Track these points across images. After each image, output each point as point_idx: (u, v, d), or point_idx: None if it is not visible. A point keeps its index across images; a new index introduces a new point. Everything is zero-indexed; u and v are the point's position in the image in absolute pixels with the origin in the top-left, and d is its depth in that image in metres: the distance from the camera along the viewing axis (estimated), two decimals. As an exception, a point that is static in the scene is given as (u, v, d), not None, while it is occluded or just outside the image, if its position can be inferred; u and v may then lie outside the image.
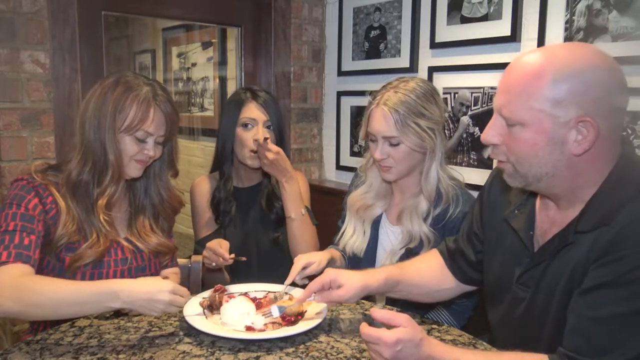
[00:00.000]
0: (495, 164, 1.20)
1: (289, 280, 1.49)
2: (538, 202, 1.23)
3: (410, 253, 1.60)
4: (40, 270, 1.37)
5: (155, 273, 1.58)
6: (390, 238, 1.70)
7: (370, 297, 1.72)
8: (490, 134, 1.13)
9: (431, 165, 1.61)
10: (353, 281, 1.32)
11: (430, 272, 1.45)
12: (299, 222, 1.86)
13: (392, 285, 1.38)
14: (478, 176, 2.22)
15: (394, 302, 1.63)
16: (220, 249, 1.67)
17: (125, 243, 1.50)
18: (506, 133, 1.10)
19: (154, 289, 1.21)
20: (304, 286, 1.43)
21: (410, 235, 1.62)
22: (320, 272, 1.42)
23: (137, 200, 1.58)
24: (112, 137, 1.42)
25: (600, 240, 1.03)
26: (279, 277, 1.72)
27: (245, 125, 1.89)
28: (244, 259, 1.73)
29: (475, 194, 1.50)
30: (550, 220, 1.18)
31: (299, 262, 1.51)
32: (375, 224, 1.73)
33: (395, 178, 1.65)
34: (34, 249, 1.32)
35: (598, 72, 1.03)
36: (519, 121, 1.07)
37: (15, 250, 1.28)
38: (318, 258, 1.55)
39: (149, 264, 1.55)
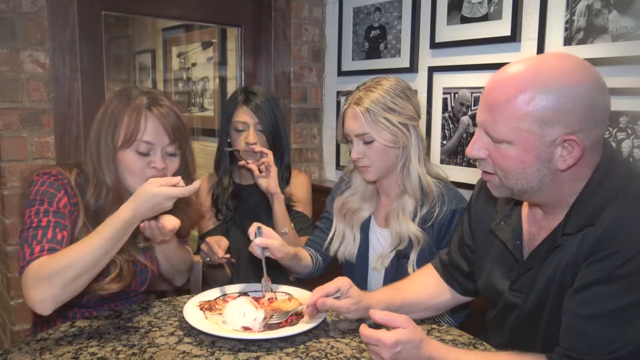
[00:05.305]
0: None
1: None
2: (524, 210, 1.24)
3: (400, 255, 1.60)
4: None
5: (155, 273, 1.58)
6: (380, 241, 1.69)
7: None
8: (476, 148, 1.12)
9: (409, 162, 1.61)
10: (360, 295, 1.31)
11: (426, 287, 1.45)
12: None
13: (387, 306, 1.35)
14: (478, 176, 2.22)
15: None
16: (216, 246, 1.67)
17: (143, 261, 1.48)
18: (492, 147, 1.09)
19: (144, 193, 1.23)
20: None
21: (399, 237, 1.61)
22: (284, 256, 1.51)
23: None
24: (108, 158, 1.38)
25: (588, 240, 1.04)
26: (281, 272, 1.72)
27: (237, 129, 1.91)
28: (233, 260, 1.74)
29: (469, 193, 1.50)
30: (538, 225, 1.19)
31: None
32: (365, 228, 1.72)
33: (375, 177, 1.64)
34: (66, 244, 1.31)
35: (583, 88, 1.01)
36: (505, 140, 1.06)
37: (48, 245, 1.28)
38: (280, 241, 1.52)
39: (151, 264, 1.54)
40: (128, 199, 1.40)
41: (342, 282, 1.31)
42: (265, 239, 1.48)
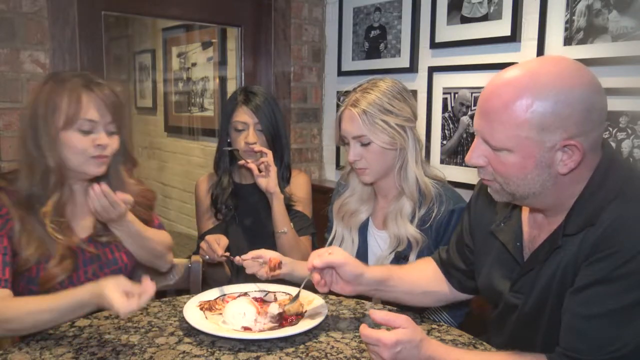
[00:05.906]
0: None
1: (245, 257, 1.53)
2: (524, 212, 1.24)
3: (399, 257, 1.60)
4: (17, 293, 1.32)
5: (129, 264, 1.56)
6: (379, 243, 1.69)
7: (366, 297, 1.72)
8: (475, 156, 1.11)
9: (407, 164, 1.60)
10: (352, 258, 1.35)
11: (426, 275, 1.45)
12: (283, 239, 1.86)
13: (385, 277, 1.38)
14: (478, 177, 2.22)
15: (392, 302, 1.63)
16: (216, 244, 1.67)
17: (85, 246, 1.45)
18: (491, 155, 1.09)
19: (101, 297, 1.16)
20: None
21: (397, 239, 1.60)
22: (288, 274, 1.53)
23: None
24: (51, 141, 1.36)
25: (588, 240, 1.04)
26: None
27: (237, 128, 1.91)
28: (232, 259, 1.74)
29: (469, 193, 1.50)
30: (538, 227, 1.19)
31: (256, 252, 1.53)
32: (363, 230, 1.71)
33: (373, 179, 1.64)
34: (2, 268, 1.30)
35: (580, 92, 1.00)
36: (504, 148, 1.05)
37: None
38: (276, 254, 1.55)
39: (119, 256, 1.52)
40: (72, 179, 1.42)
41: (336, 247, 1.37)
42: (253, 252, 1.52)
